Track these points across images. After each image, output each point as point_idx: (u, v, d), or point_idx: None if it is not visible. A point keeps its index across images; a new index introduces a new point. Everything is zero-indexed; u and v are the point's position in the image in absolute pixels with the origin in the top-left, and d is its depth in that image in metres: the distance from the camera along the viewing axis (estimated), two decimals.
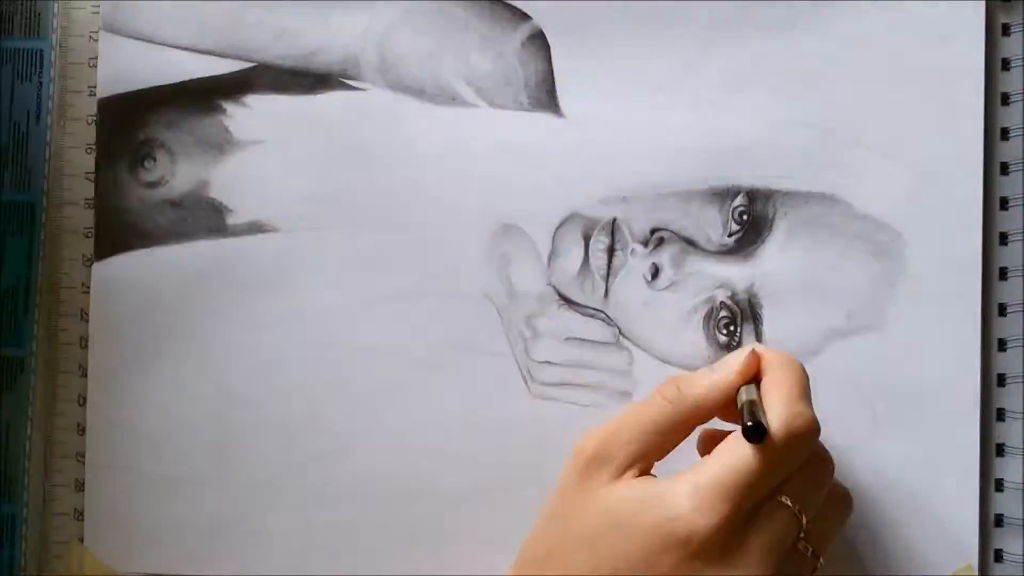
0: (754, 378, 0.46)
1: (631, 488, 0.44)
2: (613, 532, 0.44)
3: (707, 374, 0.47)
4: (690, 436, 0.47)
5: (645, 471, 0.46)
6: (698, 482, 0.43)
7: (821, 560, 0.45)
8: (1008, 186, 0.52)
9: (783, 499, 0.44)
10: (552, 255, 0.52)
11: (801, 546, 0.44)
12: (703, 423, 0.47)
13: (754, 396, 0.45)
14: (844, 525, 0.48)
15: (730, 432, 0.45)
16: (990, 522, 0.51)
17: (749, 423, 0.42)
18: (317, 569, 0.52)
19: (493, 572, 0.51)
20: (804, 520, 0.44)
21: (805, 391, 0.45)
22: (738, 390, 0.46)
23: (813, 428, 0.44)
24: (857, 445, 0.51)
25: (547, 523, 0.46)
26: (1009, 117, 0.52)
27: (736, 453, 0.43)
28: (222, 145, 0.53)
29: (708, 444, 0.48)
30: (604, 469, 0.45)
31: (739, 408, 0.45)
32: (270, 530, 0.52)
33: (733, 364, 0.46)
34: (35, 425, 0.53)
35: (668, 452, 0.46)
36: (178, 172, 0.53)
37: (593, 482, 0.45)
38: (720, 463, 0.43)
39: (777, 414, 0.44)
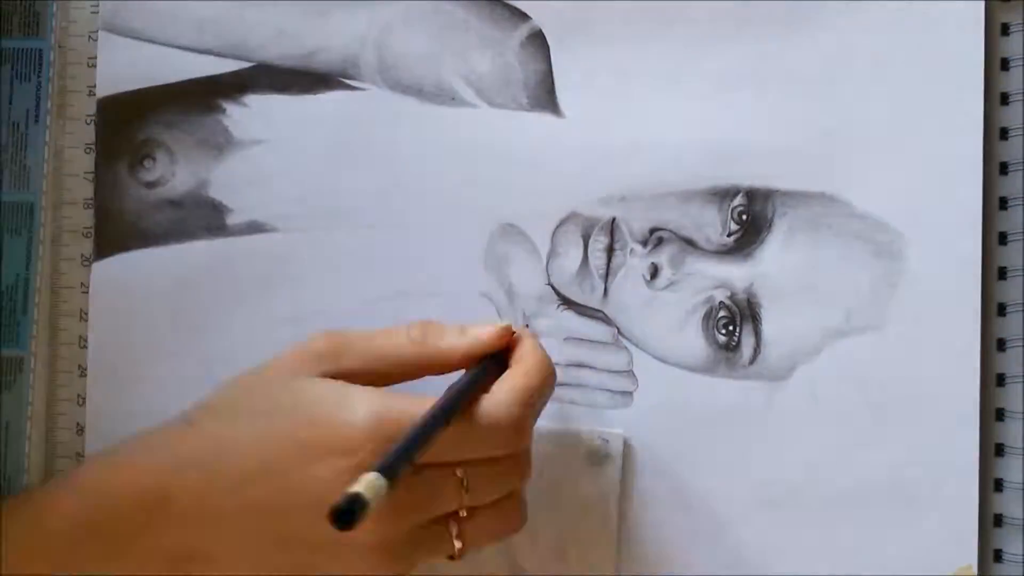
0: (503, 352, 0.47)
1: (328, 384, 0.44)
2: (289, 416, 0.44)
3: (458, 332, 0.47)
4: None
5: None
6: (382, 408, 0.42)
7: (456, 554, 0.45)
8: (1008, 186, 0.52)
9: (457, 471, 0.43)
10: (551, 255, 0.52)
11: (452, 528, 0.44)
12: (435, 375, 0.47)
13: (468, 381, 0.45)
14: (501, 543, 0.48)
15: None
16: (990, 522, 0.51)
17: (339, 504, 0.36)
18: None
19: (492, 571, 0.51)
20: (464, 501, 0.44)
21: (533, 398, 0.45)
22: (480, 360, 0.46)
23: (513, 427, 0.44)
24: (857, 445, 0.51)
25: (244, 375, 0.46)
26: (1009, 117, 0.52)
27: (432, 410, 0.42)
28: (222, 145, 0.53)
29: None
30: (318, 366, 0.45)
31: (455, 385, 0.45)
32: None
33: (483, 333, 0.47)
34: (35, 425, 0.53)
35: (388, 385, 0.46)
36: (178, 172, 0.53)
37: (300, 373, 0.45)
38: (414, 406, 0.43)
39: (492, 400, 0.44)
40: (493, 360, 0.46)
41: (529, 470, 0.46)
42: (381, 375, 0.46)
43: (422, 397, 0.43)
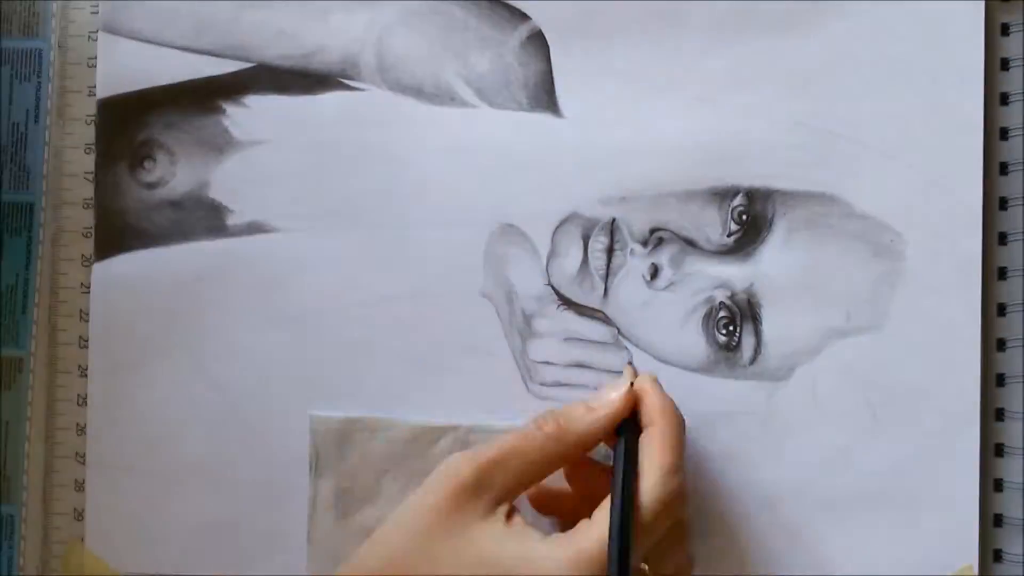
0: (633, 410, 0.48)
1: (511, 537, 0.44)
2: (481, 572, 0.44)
3: (586, 412, 0.47)
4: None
5: (512, 506, 0.46)
6: (578, 557, 0.43)
7: None
8: (1008, 186, 0.52)
9: (643, 566, 0.45)
10: (551, 255, 0.52)
11: None
12: (578, 456, 0.48)
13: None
14: None
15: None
16: (990, 522, 0.51)
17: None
18: (316, 568, 0.52)
19: None
20: None
21: (681, 453, 0.46)
22: (617, 427, 0.47)
23: (683, 498, 0.45)
24: (857, 445, 0.51)
25: (407, 536, 0.46)
26: (1009, 117, 0.52)
27: (600, 533, 0.44)
28: (221, 145, 0.53)
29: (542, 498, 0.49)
30: (479, 499, 0.45)
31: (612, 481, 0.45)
32: (270, 530, 0.52)
33: (613, 407, 0.47)
34: (35, 425, 0.53)
35: (537, 483, 0.47)
36: (178, 172, 0.53)
37: (466, 513, 0.45)
38: (595, 536, 0.44)
39: (652, 483, 0.45)
40: (628, 426, 0.47)
41: (689, 530, 0.48)
42: (531, 480, 0.47)
43: (593, 523, 0.44)
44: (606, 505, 0.45)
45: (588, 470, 0.49)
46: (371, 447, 0.52)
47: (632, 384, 0.48)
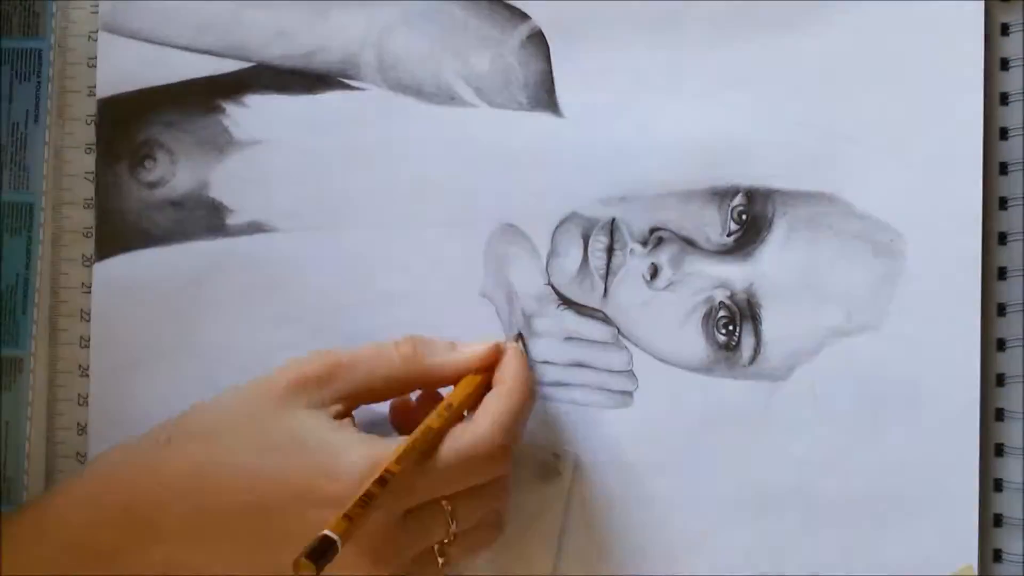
0: (489, 369, 0.48)
1: (328, 427, 0.45)
2: (273, 453, 0.44)
3: (447, 350, 0.48)
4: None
5: (348, 411, 0.46)
6: (370, 457, 0.43)
7: (439, 574, 0.46)
8: (1007, 186, 0.52)
9: (444, 503, 0.45)
10: (551, 255, 0.52)
11: (437, 550, 0.45)
12: (423, 389, 0.49)
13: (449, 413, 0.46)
14: (489, 549, 0.49)
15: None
16: (989, 522, 0.51)
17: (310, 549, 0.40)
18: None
19: (491, 571, 0.51)
20: (453, 530, 0.45)
21: (518, 419, 0.46)
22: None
23: (496, 456, 0.45)
24: (857, 445, 0.51)
25: (227, 394, 0.47)
26: (1008, 117, 0.52)
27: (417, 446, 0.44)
28: (222, 145, 0.53)
29: (399, 415, 0.49)
30: (315, 392, 0.46)
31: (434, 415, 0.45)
32: None
33: (473, 353, 0.48)
34: (35, 425, 0.53)
35: (374, 403, 0.47)
36: (178, 172, 0.53)
37: (298, 399, 0.45)
38: (389, 448, 0.43)
39: (474, 433, 0.45)
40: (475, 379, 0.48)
41: (509, 491, 0.48)
42: (373, 393, 0.47)
43: (403, 439, 0.44)
44: (415, 437, 0.44)
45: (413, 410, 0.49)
46: None
47: (500, 345, 0.49)
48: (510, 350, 0.49)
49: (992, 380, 0.51)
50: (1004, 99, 0.52)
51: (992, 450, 0.51)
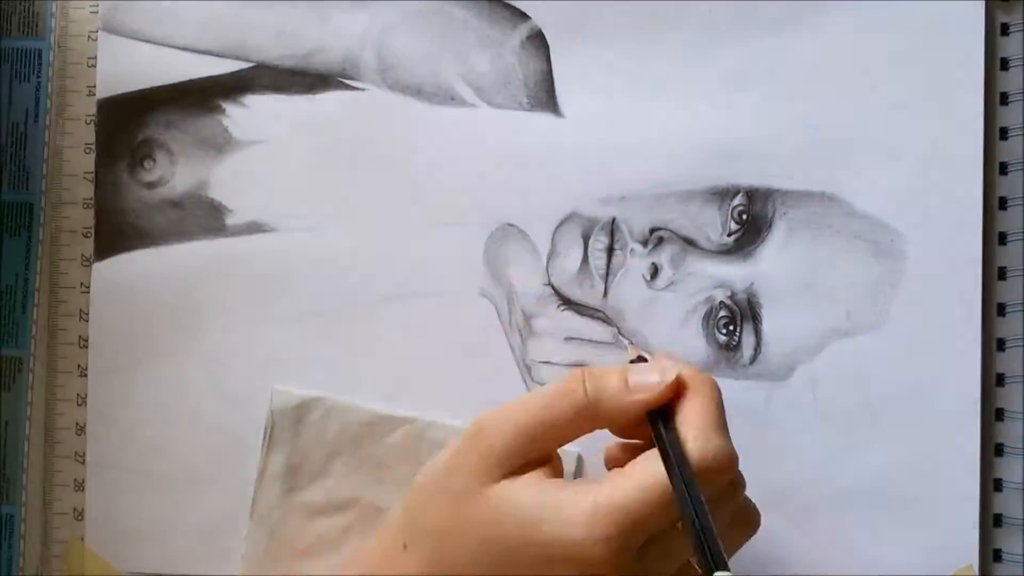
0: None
1: (530, 491, 0.43)
2: (501, 538, 0.42)
3: (622, 393, 0.44)
4: None
5: (543, 464, 0.44)
6: (599, 505, 0.41)
7: None
8: (1007, 186, 0.52)
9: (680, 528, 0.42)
10: (551, 255, 0.52)
11: (695, 561, 0.42)
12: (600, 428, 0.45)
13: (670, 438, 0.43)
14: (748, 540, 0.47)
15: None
16: (989, 522, 0.51)
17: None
18: (315, 568, 0.52)
19: None
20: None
21: (723, 419, 0.43)
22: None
23: (731, 462, 0.42)
24: (857, 445, 0.51)
25: (434, 488, 0.45)
26: (1008, 117, 0.52)
27: (648, 482, 0.41)
28: (221, 145, 0.53)
29: (616, 458, 0.47)
30: (504, 465, 0.43)
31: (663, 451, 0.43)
32: None
33: (651, 388, 0.43)
34: (34, 425, 0.53)
35: (560, 446, 0.45)
36: (177, 172, 0.53)
37: (490, 476, 0.43)
38: (627, 491, 0.41)
39: (695, 447, 0.42)
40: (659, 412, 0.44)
41: (744, 485, 0.45)
42: (558, 442, 0.45)
43: (626, 473, 0.42)
44: (644, 457, 0.42)
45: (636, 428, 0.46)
46: (327, 427, 0.52)
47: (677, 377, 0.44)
48: (684, 369, 0.44)
49: (992, 380, 0.51)
50: (1004, 99, 0.52)
51: (992, 450, 0.51)
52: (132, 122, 0.53)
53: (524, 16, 0.53)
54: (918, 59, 0.52)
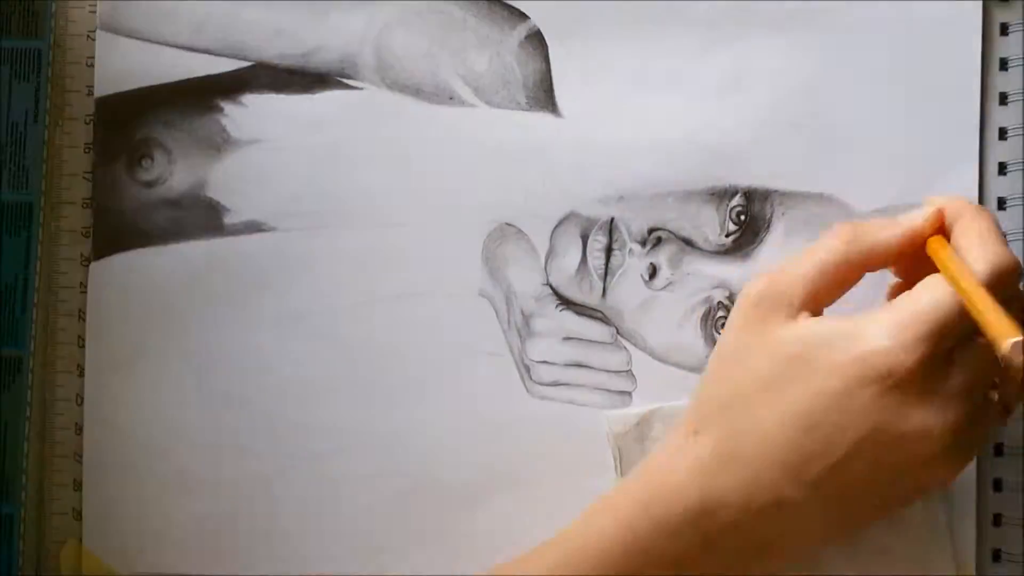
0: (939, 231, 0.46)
1: (817, 325, 0.44)
2: (803, 369, 0.44)
3: (888, 223, 0.46)
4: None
5: (816, 313, 0.45)
6: (899, 320, 0.42)
7: (1009, 416, 0.45)
8: (1006, 186, 0.52)
9: (982, 339, 0.43)
10: (550, 255, 0.52)
11: (992, 395, 0.44)
12: (872, 271, 0.47)
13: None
14: None
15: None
16: (988, 522, 0.51)
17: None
18: (316, 569, 0.52)
19: (491, 571, 0.51)
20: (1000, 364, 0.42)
21: (1000, 234, 0.45)
22: (926, 242, 0.45)
23: (1017, 268, 0.44)
24: None
25: (722, 364, 0.46)
26: (1007, 117, 0.51)
27: (937, 294, 0.42)
28: (220, 144, 0.53)
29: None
30: (777, 309, 0.45)
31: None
32: (269, 530, 0.52)
33: (918, 216, 0.46)
34: (33, 425, 0.53)
35: (837, 297, 0.46)
36: (176, 171, 0.53)
37: (768, 323, 0.45)
38: (921, 302, 0.43)
39: (978, 256, 0.43)
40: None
41: None
42: (824, 292, 0.46)
43: (919, 290, 0.43)
44: (927, 281, 0.43)
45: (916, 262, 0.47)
46: None
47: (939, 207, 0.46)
48: (941, 200, 0.47)
49: None
50: (1003, 99, 0.52)
51: (992, 450, 0.51)
52: (130, 121, 0.53)
53: (523, 16, 0.53)
54: (916, 59, 0.51)
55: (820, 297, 0.46)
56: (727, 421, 0.45)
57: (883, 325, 0.43)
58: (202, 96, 0.53)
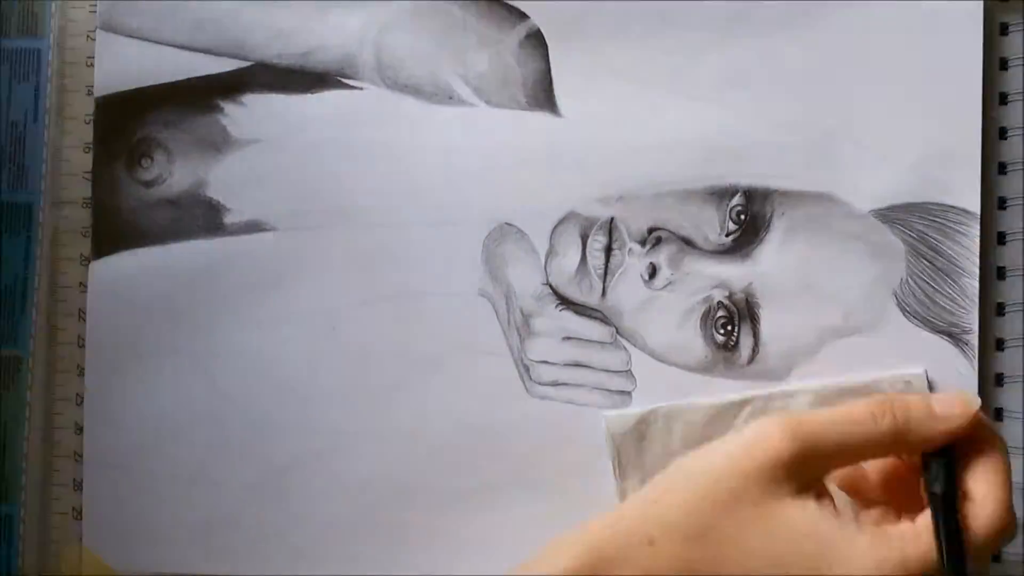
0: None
1: (824, 519, 0.43)
2: (785, 562, 0.42)
3: (930, 419, 0.44)
4: None
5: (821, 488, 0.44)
6: (905, 560, 0.42)
7: None
8: (1006, 186, 0.51)
9: None
10: (549, 254, 0.52)
11: None
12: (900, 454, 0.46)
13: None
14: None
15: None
16: None
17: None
18: (315, 568, 0.52)
19: (490, 572, 0.51)
20: None
21: (1011, 483, 0.44)
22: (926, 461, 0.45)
23: (1013, 534, 0.44)
24: None
25: (706, 500, 0.43)
26: (1007, 117, 0.51)
27: (929, 546, 0.42)
28: (219, 144, 0.53)
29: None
30: (793, 479, 0.43)
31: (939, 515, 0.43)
32: (269, 530, 0.52)
33: (955, 419, 0.44)
34: (33, 424, 0.53)
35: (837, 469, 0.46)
36: (175, 171, 0.53)
37: (781, 487, 0.43)
38: (923, 545, 0.42)
39: (989, 514, 0.43)
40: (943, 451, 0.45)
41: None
42: (841, 463, 0.45)
43: (919, 532, 0.43)
44: (921, 525, 0.43)
45: (902, 468, 0.47)
46: (671, 434, 0.51)
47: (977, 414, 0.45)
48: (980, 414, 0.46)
49: (992, 380, 0.51)
50: (1004, 99, 0.52)
51: None
52: (130, 121, 0.53)
53: (523, 15, 0.53)
54: (916, 58, 0.51)
55: (831, 467, 0.45)
56: (691, 552, 0.43)
57: (883, 562, 0.42)
58: (202, 96, 0.53)
